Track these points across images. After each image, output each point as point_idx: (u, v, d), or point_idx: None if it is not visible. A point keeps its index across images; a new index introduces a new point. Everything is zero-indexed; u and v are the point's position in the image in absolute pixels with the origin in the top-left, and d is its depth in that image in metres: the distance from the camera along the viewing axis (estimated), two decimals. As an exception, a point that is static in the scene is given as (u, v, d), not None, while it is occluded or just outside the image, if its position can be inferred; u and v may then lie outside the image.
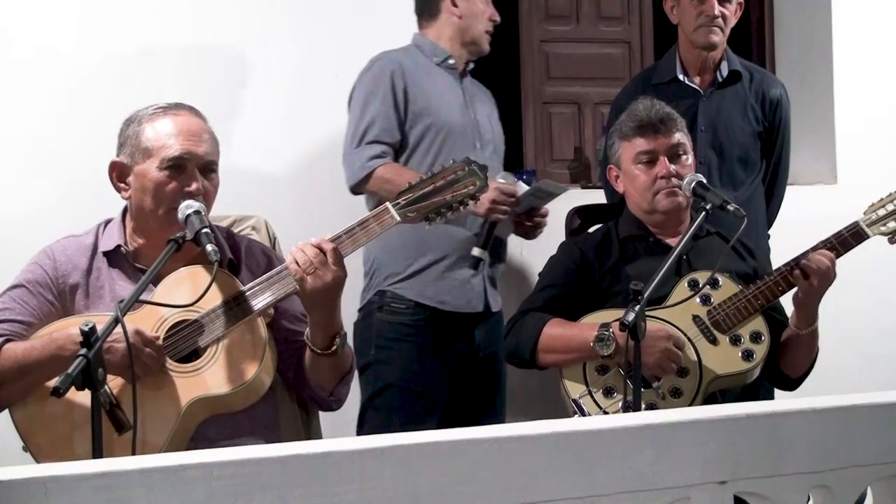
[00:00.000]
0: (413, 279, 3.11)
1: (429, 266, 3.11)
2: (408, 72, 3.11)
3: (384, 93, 3.07)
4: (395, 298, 3.11)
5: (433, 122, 3.10)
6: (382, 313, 3.11)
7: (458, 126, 3.13)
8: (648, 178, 2.73)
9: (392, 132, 3.07)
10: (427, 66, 3.18)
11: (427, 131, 3.10)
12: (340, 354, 2.24)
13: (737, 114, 3.28)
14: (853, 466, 1.56)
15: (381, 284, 3.12)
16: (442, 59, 3.20)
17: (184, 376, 2.16)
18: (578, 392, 2.60)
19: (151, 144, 2.23)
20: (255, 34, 3.45)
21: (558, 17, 4.52)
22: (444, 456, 1.38)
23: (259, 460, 1.31)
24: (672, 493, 1.48)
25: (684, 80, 3.34)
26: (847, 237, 2.63)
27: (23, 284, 2.26)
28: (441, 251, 3.10)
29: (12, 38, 3.24)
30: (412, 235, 3.00)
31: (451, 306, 3.12)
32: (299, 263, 2.14)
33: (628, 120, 2.78)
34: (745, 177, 3.27)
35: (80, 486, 1.25)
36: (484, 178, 2.26)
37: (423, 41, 3.24)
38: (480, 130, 3.21)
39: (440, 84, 3.17)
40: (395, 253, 3.09)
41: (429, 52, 3.21)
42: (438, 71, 3.19)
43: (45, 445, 2.14)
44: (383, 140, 3.06)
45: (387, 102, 3.06)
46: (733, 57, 3.37)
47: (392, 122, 3.07)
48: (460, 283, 3.12)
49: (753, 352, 2.59)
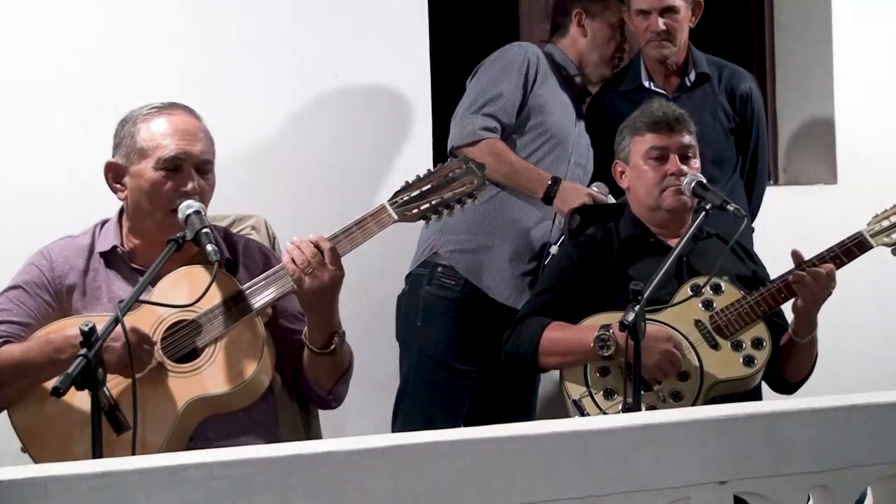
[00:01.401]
0: (470, 255, 3.15)
1: (488, 248, 3.14)
2: (542, 66, 3.21)
3: (519, 73, 3.16)
4: (445, 272, 3.15)
5: (545, 121, 3.18)
6: (431, 287, 3.16)
7: (564, 135, 3.21)
8: (657, 175, 2.73)
9: (510, 114, 3.14)
10: (553, 74, 3.27)
11: (538, 131, 3.17)
12: (339, 353, 2.24)
13: (707, 115, 3.26)
14: (853, 466, 1.57)
15: (441, 248, 3.15)
16: (569, 74, 3.29)
17: (182, 376, 2.16)
18: (579, 393, 2.60)
19: (147, 145, 2.23)
20: (255, 34, 3.44)
21: (558, 17, 4.51)
22: (444, 456, 1.38)
23: (259, 460, 1.31)
24: (672, 493, 1.48)
25: (650, 85, 3.33)
26: (851, 247, 2.62)
27: (20, 286, 2.26)
28: (504, 240, 3.14)
29: (12, 36, 3.23)
30: (484, 215, 3.08)
31: (495, 294, 3.14)
32: (296, 262, 2.14)
33: (642, 116, 2.79)
34: (721, 175, 3.27)
35: (80, 486, 1.25)
36: (481, 176, 2.26)
37: (555, 50, 3.33)
38: (578, 150, 3.27)
39: (560, 93, 3.25)
40: (462, 225, 3.12)
41: (560, 62, 3.30)
42: (562, 81, 3.28)
43: (44, 446, 2.14)
44: (500, 117, 3.13)
45: (518, 83, 3.15)
46: (700, 58, 3.35)
47: (515, 104, 3.15)
48: (511, 276, 3.15)
49: (755, 357, 2.59)
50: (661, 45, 3.27)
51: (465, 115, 3.13)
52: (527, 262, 3.16)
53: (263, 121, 3.44)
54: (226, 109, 3.33)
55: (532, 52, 3.21)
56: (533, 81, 3.16)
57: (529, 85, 3.15)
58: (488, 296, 3.14)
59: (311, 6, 3.51)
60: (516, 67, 3.15)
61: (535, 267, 3.17)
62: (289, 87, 3.48)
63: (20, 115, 3.22)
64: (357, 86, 3.49)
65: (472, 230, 3.14)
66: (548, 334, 2.66)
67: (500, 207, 3.14)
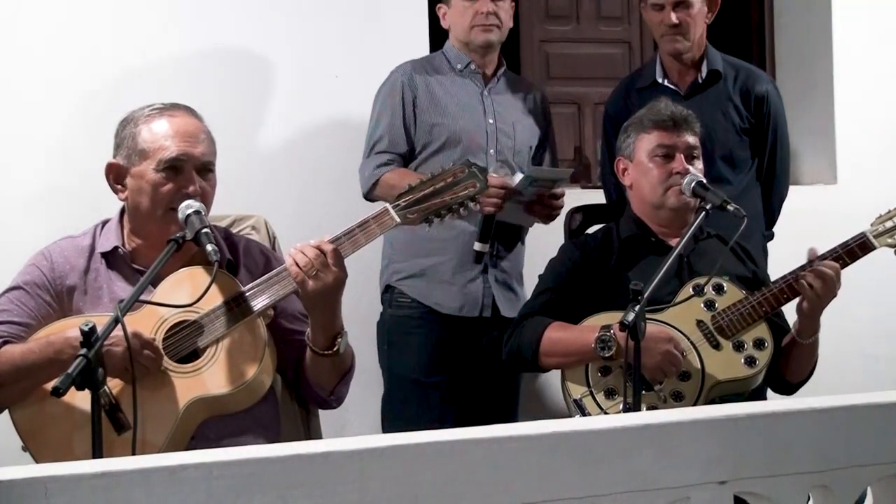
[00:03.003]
0: (415, 279, 3.19)
1: (431, 267, 3.18)
2: (419, 82, 3.20)
3: (393, 105, 3.19)
4: (401, 294, 3.22)
5: (442, 130, 3.18)
6: (392, 308, 3.23)
7: (468, 133, 3.19)
8: (663, 173, 2.73)
9: (398, 143, 3.18)
10: (447, 73, 3.26)
11: (436, 139, 3.18)
12: (341, 354, 2.24)
13: (718, 113, 3.26)
14: (853, 466, 1.56)
15: (390, 279, 3.23)
16: (464, 66, 3.26)
17: (183, 377, 2.16)
18: (580, 393, 2.60)
19: (148, 146, 2.23)
20: (255, 34, 3.45)
21: (558, 17, 4.52)
22: (444, 456, 1.38)
23: (259, 460, 1.31)
24: (672, 493, 1.48)
25: (664, 82, 3.33)
26: (854, 247, 2.62)
27: (20, 286, 2.26)
28: (445, 253, 3.16)
29: (14, 38, 3.24)
30: (420, 234, 3.05)
31: (446, 309, 3.18)
32: (300, 265, 2.14)
33: (649, 114, 2.79)
34: (733, 175, 3.26)
35: (80, 486, 1.25)
36: (484, 180, 2.27)
37: (448, 48, 3.32)
38: (498, 136, 3.23)
39: (456, 91, 3.24)
40: (402, 250, 3.20)
41: (453, 60, 3.28)
42: (458, 77, 3.26)
43: (45, 446, 2.14)
44: (391, 150, 3.18)
45: (396, 115, 3.18)
46: (715, 56, 3.34)
47: (399, 133, 3.18)
48: (458, 288, 3.18)
49: (756, 358, 2.59)
50: (674, 39, 3.27)
51: (362, 162, 3.21)
52: (471, 269, 3.17)
53: (264, 121, 3.44)
54: (226, 109, 3.33)
55: (404, 73, 3.21)
56: (412, 104, 3.18)
57: (409, 108, 3.18)
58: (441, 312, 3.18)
59: (312, 6, 3.51)
60: (389, 101, 3.19)
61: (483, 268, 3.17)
62: (289, 87, 3.48)
63: (21, 116, 3.22)
64: (357, 86, 3.49)
65: (412, 254, 3.19)
66: (549, 334, 2.66)
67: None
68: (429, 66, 3.27)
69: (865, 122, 4.20)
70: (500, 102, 3.27)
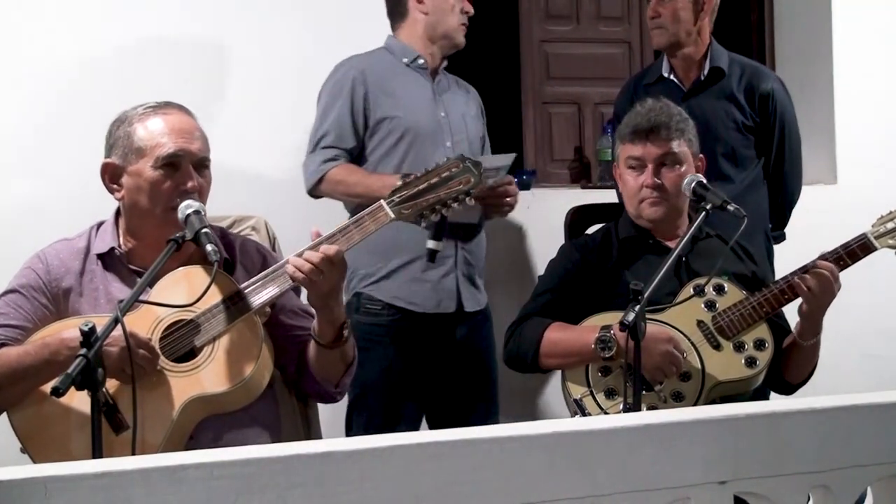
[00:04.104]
0: (385, 281, 3.12)
1: (400, 267, 3.11)
2: (371, 77, 3.14)
3: (343, 100, 3.11)
4: (369, 300, 3.13)
5: (397, 125, 3.12)
6: (359, 315, 3.12)
7: (424, 127, 3.14)
8: (636, 185, 2.73)
9: (346, 139, 3.11)
10: (395, 68, 3.20)
11: (391, 134, 3.12)
12: (347, 344, 2.26)
13: (720, 110, 3.27)
14: (853, 466, 1.56)
15: (357, 286, 3.14)
16: (411, 60, 3.21)
17: (180, 376, 2.16)
18: (580, 392, 2.60)
19: (144, 144, 2.23)
20: (254, 33, 3.45)
21: (558, 17, 4.52)
22: (444, 456, 1.38)
23: (259, 460, 1.31)
24: (672, 493, 1.48)
25: (669, 76, 3.36)
26: (855, 248, 2.61)
27: (16, 289, 2.26)
28: (413, 253, 3.08)
29: (13, 37, 3.23)
30: (385, 237, 2.94)
31: (421, 308, 3.12)
32: (305, 272, 2.14)
33: (626, 122, 2.78)
34: (736, 173, 3.26)
35: (80, 486, 1.25)
36: (478, 174, 2.26)
37: (393, 42, 3.26)
38: (452, 129, 3.20)
39: (408, 85, 3.19)
40: (368, 254, 3.07)
41: (398, 54, 3.22)
42: (408, 72, 3.20)
43: (44, 448, 2.14)
44: (337, 146, 3.10)
45: (344, 110, 3.11)
46: (720, 54, 3.36)
47: (347, 129, 3.11)
48: (432, 284, 3.12)
49: (757, 359, 2.58)
50: (656, 32, 3.33)
51: (307, 156, 3.13)
52: (442, 263, 3.10)
53: (263, 121, 3.44)
54: (226, 109, 3.33)
55: (355, 66, 3.14)
56: (363, 98, 3.11)
57: (360, 104, 3.11)
58: (415, 312, 3.11)
59: (312, 6, 3.51)
60: (339, 95, 3.11)
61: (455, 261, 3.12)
62: (289, 86, 3.48)
63: (20, 116, 3.22)
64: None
65: (379, 257, 3.10)
66: (549, 335, 2.65)
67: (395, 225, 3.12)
68: (375, 61, 3.20)
69: (865, 122, 4.20)
70: (447, 97, 3.25)
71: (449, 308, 3.14)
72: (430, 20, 3.19)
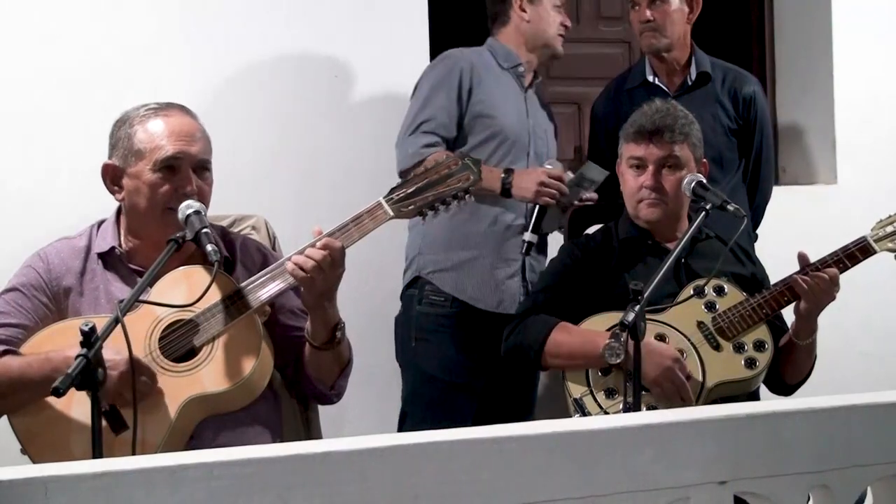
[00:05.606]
0: (453, 272, 3.13)
1: (469, 261, 3.13)
2: (477, 72, 3.16)
3: (449, 88, 3.12)
4: (433, 291, 3.14)
5: (493, 125, 3.14)
6: (422, 306, 3.15)
7: (515, 133, 3.17)
8: (635, 185, 2.73)
9: (449, 127, 3.11)
10: (496, 70, 3.23)
11: (483, 131, 3.14)
12: (341, 346, 2.25)
13: (707, 114, 3.27)
14: (853, 466, 1.57)
15: (422, 271, 3.15)
16: (512, 65, 3.25)
17: (179, 376, 2.16)
18: (580, 392, 2.60)
19: (144, 146, 2.23)
20: (254, 33, 3.44)
21: (558, 17, 4.51)
22: (444, 456, 1.38)
23: (259, 460, 1.31)
24: (672, 493, 1.48)
25: (654, 80, 3.35)
26: (854, 251, 2.62)
27: (17, 288, 2.26)
28: (483, 248, 3.12)
29: (13, 37, 3.23)
30: (458, 228, 3.05)
31: (483, 304, 3.13)
32: (307, 270, 2.14)
33: (631, 121, 2.78)
34: (721, 176, 3.27)
35: (80, 486, 1.25)
36: (478, 171, 2.26)
37: (496, 45, 3.28)
38: (536, 142, 3.24)
39: (506, 89, 3.22)
40: (438, 243, 3.12)
41: (501, 57, 3.25)
42: (506, 76, 3.24)
43: (44, 448, 2.14)
44: (438, 132, 3.10)
45: (450, 98, 3.12)
46: (703, 58, 3.37)
47: (452, 117, 3.12)
48: (496, 283, 3.13)
49: (756, 360, 2.59)
50: (650, 36, 3.30)
51: (404, 137, 3.11)
52: (510, 265, 3.14)
53: (264, 121, 3.44)
54: (226, 109, 3.33)
55: (465, 58, 3.17)
56: (468, 91, 3.13)
57: (465, 96, 3.12)
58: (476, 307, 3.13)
59: (311, 6, 3.51)
60: (447, 83, 3.12)
61: (522, 264, 3.15)
62: (289, 87, 3.48)
63: (20, 116, 3.22)
64: (357, 86, 3.49)
65: (449, 247, 3.12)
66: (555, 336, 2.64)
67: (471, 217, 3.11)
68: (481, 59, 3.23)
69: (865, 122, 4.20)
70: (535, 107, 3.29)
71: (509, 309, 3.12)
72: (531, 28, 3.24)
